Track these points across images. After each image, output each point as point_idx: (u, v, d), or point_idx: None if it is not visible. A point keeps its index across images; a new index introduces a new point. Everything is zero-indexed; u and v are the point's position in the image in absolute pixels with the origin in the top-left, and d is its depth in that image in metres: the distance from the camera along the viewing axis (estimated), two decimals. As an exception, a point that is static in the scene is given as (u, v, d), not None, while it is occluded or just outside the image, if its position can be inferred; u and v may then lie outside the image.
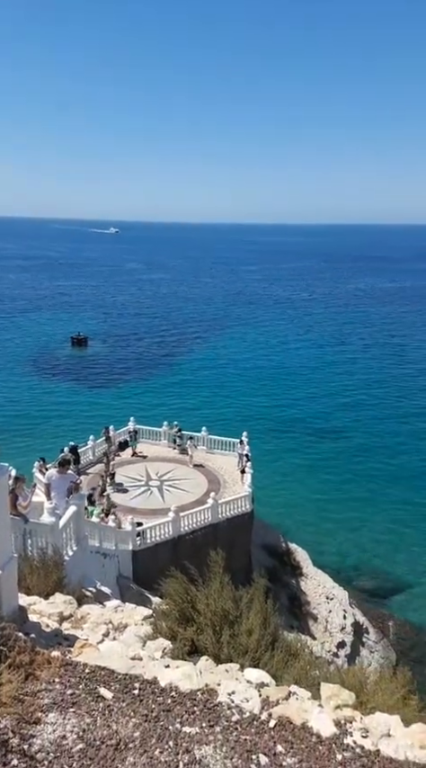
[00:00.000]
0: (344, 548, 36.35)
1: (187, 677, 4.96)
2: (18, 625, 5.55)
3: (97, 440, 31.88)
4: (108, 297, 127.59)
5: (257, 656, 6.21)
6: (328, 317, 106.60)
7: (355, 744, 4.24)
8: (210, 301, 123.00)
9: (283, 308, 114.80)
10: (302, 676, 5.89)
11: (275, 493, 39.84)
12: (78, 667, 5.01)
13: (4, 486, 5.65)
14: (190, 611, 6.95)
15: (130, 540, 23.37)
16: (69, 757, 3.91)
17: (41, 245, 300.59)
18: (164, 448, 33.56)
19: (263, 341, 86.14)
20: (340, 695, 4.83)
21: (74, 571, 11.39)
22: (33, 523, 12.18)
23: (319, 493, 41.78)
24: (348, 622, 28.35)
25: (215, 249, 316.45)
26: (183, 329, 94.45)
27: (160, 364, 73.54)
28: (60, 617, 6.92)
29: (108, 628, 7.01)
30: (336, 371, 71.26)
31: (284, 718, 4.47)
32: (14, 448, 39.48)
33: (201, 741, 4.14)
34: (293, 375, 69.03)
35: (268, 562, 29.20)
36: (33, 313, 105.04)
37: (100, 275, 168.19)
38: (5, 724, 4.08)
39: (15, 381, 64.52)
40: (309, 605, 28.75)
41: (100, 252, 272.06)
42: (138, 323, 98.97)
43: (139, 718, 4.35)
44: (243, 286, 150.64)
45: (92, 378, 67.23)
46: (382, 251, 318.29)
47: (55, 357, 75.86)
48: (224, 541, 22.63)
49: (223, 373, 69.40)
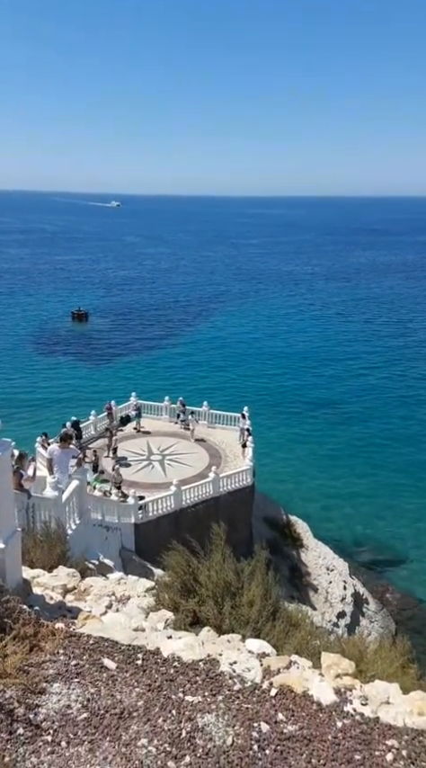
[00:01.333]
0: (345, 520, 36.69)
1: (189, 648, 5.03)
2: (22, 598, 5.62)
3: (98, 415, 31.95)
4: (108, 271, 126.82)
5: (258, 627, 6.29)
6: (330, 292, 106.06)
7: (355, 711, 4.31)
8: (211, 276, 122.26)
9: (285, 283, 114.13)
10: (303, 646, 5.97)
11: (276, 466, 40.10)
12: (82, 639, 5.08)
13: (6, 460, 5.67)
14: (191, 583, 7.02)
15: (133, 514, 23.58)
16: (74, 726, 3.98)
17: (41, 219, 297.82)
18: (165, 423, 33.65)
19: (265, 316, 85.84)
20: (340, 664, 4.90)
21: (77, 544, 11.50)
22: (36, 497, 12.29)
23: (320, 466, 42.05)
24: (348, 593, 28.74)
25: (215, 222, 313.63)
26: (184, 304, 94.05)
27: (161, 339, 73.40)
28: (64, 589, 7.00)
29: (111, 600, 7.10)
30: (339, 346, 71.16)
31: (285, 687, 4.54)
32: (16, 423, 39.66)
33: (204, 710, 4.21)
34: (295, 350, 68.95)
35: (269, 534, 29.49)
36: (33, 288, 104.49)
37: (99, 249, 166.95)
38: (11, 694, 4.15)
39: (16, 357, 64.48)
40: (310, 576, 29.11)
41: (100, 226, 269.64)
42: (139, 298, 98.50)
43: (143, 688, 4.42)
44: (244, 260, 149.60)
45: (93, 353, 67.17)
46: (382, 223, 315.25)
47: (55, 332, 75.70)
48: (225, 514, 22.83)
49: (224, 348, 69.29)
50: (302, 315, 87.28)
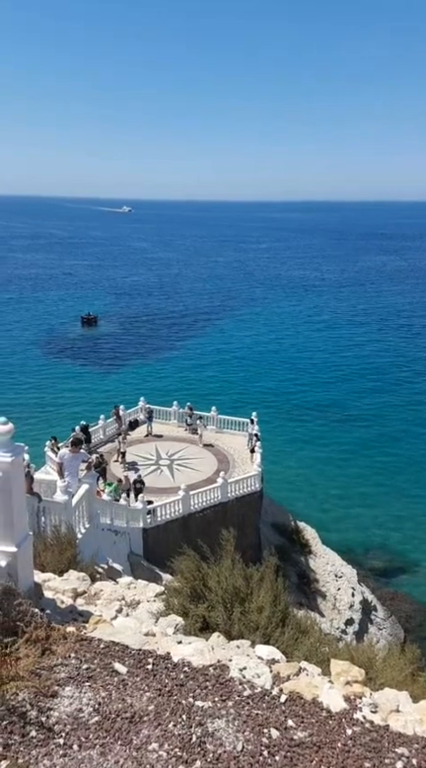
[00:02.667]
0: (353, 527, 36.55)
1: (199, 653, 5.06)
2: (34, 601, 5.67)
3: (107, 419, 32.06)
4: (118, 276, 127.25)
5: (268, 633, 6.31)
6: (339, 296, 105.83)
7: (364, 719, 4.32)
8: (220, 281, 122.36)
9: (294, 288, 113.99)
10: (312, 653, 5.99)
11: (285, 472, 40.02)
12: (93, 643, 5.12)
13: (20, 464, 5.73)
14: (201, 589, 7.06)
15: (141, 518, 23.62)
16: (86, 729, 4.02)
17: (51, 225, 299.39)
18: (174, 427, 33.70)
19: (274, 321, 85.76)
20: (349, 671, 4.91)
21: (86, 548, 11.56)
22: (47, 501, 12.36)
23: (329, 472, 41.93)
24: (356, 600, 28.62)
25: (225, 227, 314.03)
26: (194, 309, 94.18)
27: (170, 344, 73.54)
28: (74, 593, 7.05)
29: (121, 604, 7.13)
30: (348, 351, 70.95)
31: (295, 694, 4.56)
32: (26, 427, 39.84)
33: (214, 715, 4.24)
34: (304, 356, 68.77)
35: (277, 540, 29.45)
36: (43, 292, 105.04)
37: (109, 254, 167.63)
38: (24, 697, 4.20)
39: (26, 361, 64.82)
40: (318, 583, 29.01)
41: (110, 231, 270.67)
42: (148, 302, 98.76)
43: (153, 693, 4.45)
44: (253, 265, 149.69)
45: (102, 357, 67.39)
46: (390, 228, 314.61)
47: (65, 336, 76.02)
48: (233, 520, 22.84)
49: (233, 353, 69.31)
50: (311, 320, 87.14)
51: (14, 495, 5.61)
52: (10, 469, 5.48)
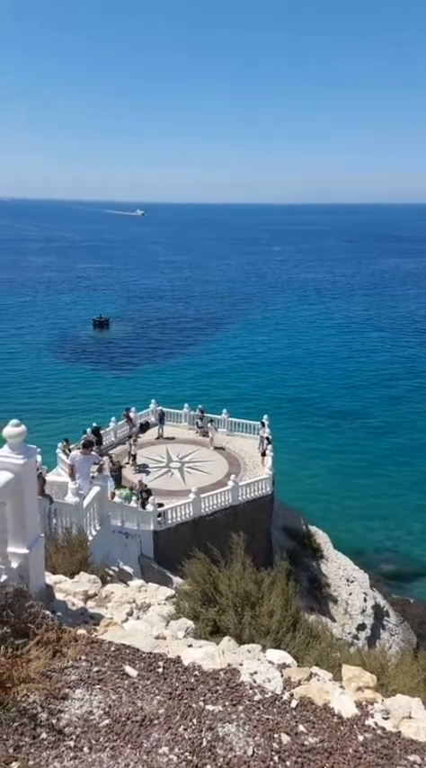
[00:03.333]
0: (365, 531, 36.36)
1: (210, 657, 5.04)
2: (45, 603, 5.68)
3: (118, 422, 32.13)
4: (129, 279, 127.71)
5: (279, 637, 6.29)
6: (353, 301, 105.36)
7: (376, 725, 4.29)
8: (232, 284, 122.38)
9: (307, 292, 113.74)
10: (323, 658, 5.95)
11: (296, 476, 39.89)
12: (104, 645, 5.12)
13: (32, 466, 5.75)
14: (212, 592, 7.04)
15: (152, 521, 23.63)
16: (96, 732, 4.02)
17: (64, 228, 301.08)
18: (184, 430, 33.72)
19: (287, 325, 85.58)
20: (361, 677, 4.88)
21: (97, 550, 11.58)
22: (58, 503, 12.41)
23: (341, 477, 41.75)
24: (368, 605, 28.44)
25: (237, 230, 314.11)
26: (206, 312, 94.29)
27: (182, 346, 73.65)
28: (85, 596, 7.06)
29: (132, 607, 7.14)
30: (362, 356, 70.63)
31: (306, 699, 4.53)
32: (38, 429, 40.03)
33: (224, 719, 4.22)
34: (318, 361, 68.51)
35: (288, 544, 29.34)
36: (55, 295, 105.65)
37: (121, 258, 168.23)
38: (34, 699, 4.20)
39: (38, 363, 65.21)
40: (330, 588, 28.87)
41: (122, 234, 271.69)
42: (160, 305, 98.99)
43: (164, 696, 4.44)
44: (265, 268, 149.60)
45: (113, 360, 67.63)
46: (404, 231, 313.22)
47: (77, 339, 76.40)
48: (244, 523, 22.79)
49: (245, 356, 69.29)
50: (324, 324, 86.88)
51: (26, 496, 5.63)
52: (22, 471, 5.51)
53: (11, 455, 5.52)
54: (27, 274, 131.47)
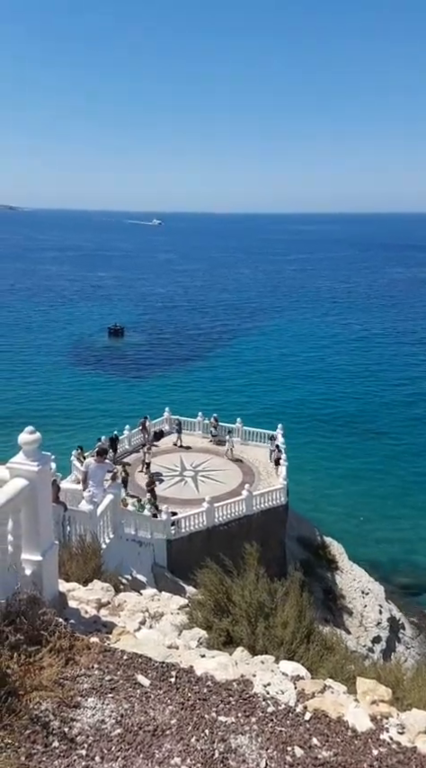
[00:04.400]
0: (380, 543, 36.01)
1: (223, 667, 5.00)
2: (58, 611, 5.67)
3: (133, 430, 32.22)
4: (144, 288, 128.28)
5: (292, 649, 6.22)
6: (369, 310, 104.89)
7: (391, 740, 4.22)
8: (247, 293, 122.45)
9: (321, 301, 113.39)
10: (337, 670, 5.88)
11: (311, 486, 39.70)
12: (116, 654, 5.10)
13: (46, 473, 5.77)
14: (225, 602, 7.00)
15: (165, 530, 23.60)
16: (108, 741, 3.99)
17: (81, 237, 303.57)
18: (198, 438, 33.71)
19: (302, 334, 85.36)
20: (376, 690, 4.81)
21: (110, 558, 11.58)
22: (72, 511, 12.43)
23: (356, 488, 41.44)
24: (383, 617, 28.12)
25: (253, 239, 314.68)
26: (220, 321, 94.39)
27: (196, 355, 73.74)
28: (98, 604, 7.04)
29: (144, 616, 7.11)
30: (378, 366, 70.23)
31: (319, 712, 4.47)
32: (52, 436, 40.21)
33: (237, 731, 4.18)
34: (332, 370, 68.28)
35: (302, 555, 29.14)
36: (71, 304, 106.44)
37: (136, 266, 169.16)
38: (47, 707, 4.19)
39: (53, 371, 65.63)
40: (344, 599, 28.60)
41: (138, 243, 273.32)
42: (175, 314, 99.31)
43: (176, 706, 4.41)
44: (280, 277, 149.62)
45: (128, 368, 67.87)
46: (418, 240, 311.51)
47: (92, 347, 76.80)
48: (258, 533, 22.68)
49: (259, 365, 69.19)
50: (339, 333, 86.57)
51: (40, 503, 5.65)
52: (36, 478, 5.52)
53: (25, 462, 5.54)
54: (44, 282, 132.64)
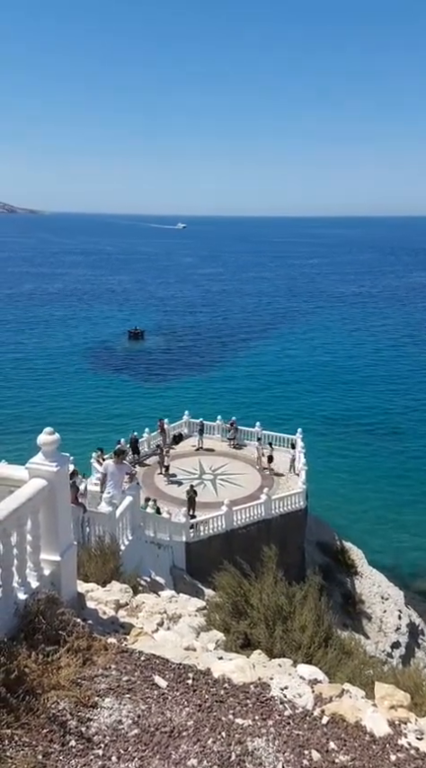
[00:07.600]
0: (401, 548, 35.62)
1: (240, 670, 4.99)
2: (76, 611, 5.72)
3: (152, 432, 32.36)
4: (165, 291, 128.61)
5: (310, 653, 6.19)
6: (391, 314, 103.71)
7: (410, 745, 4.18)
8: (267, 297, 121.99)
9: (343, 305, 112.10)
10: (356, 675, 5.84)
11: (331, 490, 39.41)
12: (134, 655, 5.12)
13: (65, 474, 5.82)
14: (243, 605, 6.99)
15: (184, 532, 23.63)
16: (125, 741, 4.01)
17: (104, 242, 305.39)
18: (217, 441, 33.69)
19: (321, 338, 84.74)
20: (394, 695, 4.76)
21: (129, 560, 11.61)
22: (91, 512, 12.50)
23: (376, 491, 41.07)
24: (403, 623, 27.83)
25: (274, 243, 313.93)
26: (240, 324, 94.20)
27: (216, 359, 73.73)
28: (116, 605, 7.08)
29: (162, 617, 7.12)
30: (401, 371, 69.45)
31: (337, 716, 4.44)
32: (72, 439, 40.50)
33: (254, 733, 4.17)
34: (354, 374, 67.59)
35: (321, 559, 28.97)
36: (92, 307, 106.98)
37: (158, 270, 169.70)
38: (64, 706, 4.22)
39: (74, 373, 66.09)
40: (363, 604, 28.35)
41: (161, 247, 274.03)
42: (195, 318, 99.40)
43: (193, 708, 4.41)
44: (301, 281, 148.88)
45: (148, 371, 68.09)
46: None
47: (112, 350, 77.19)
48: (277, 537, 22.58)
49: (279, 369, 68.89)
50: (361, 337, 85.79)
51: (59, 504, 5.70)
52: (55, 479, 5.58)
53: (44, 463, 5.60)
54: (66, 285, 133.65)
